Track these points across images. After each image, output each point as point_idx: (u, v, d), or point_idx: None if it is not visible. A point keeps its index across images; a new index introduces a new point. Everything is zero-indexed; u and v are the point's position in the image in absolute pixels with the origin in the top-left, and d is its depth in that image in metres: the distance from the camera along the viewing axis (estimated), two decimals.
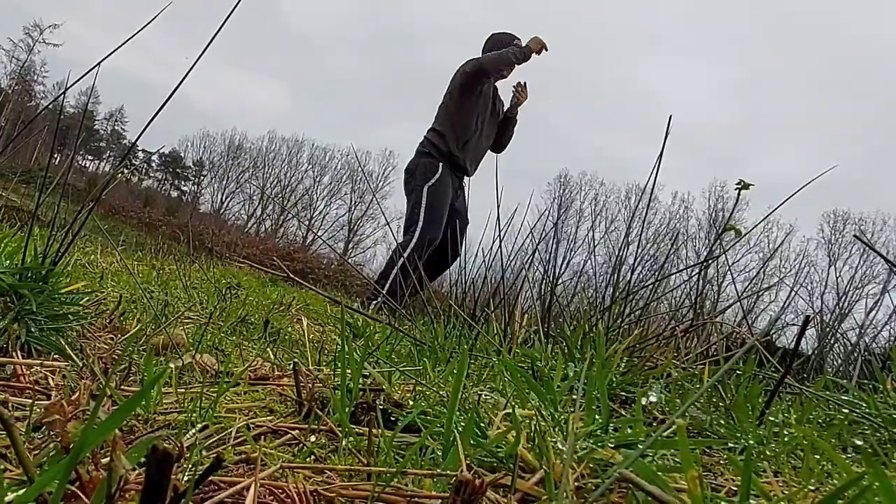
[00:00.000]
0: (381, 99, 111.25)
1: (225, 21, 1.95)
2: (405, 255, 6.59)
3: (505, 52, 7.33)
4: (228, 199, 72.17)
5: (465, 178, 7.59)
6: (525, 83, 7.65)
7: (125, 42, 1.97)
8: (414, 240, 6.95)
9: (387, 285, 6.39)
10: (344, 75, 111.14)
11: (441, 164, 7.35)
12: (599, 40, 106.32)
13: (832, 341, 4.04)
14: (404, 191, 7.51)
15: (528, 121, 7.89)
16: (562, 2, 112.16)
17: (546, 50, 7.37)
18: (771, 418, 1.71)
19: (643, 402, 1.74)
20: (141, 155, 75.26)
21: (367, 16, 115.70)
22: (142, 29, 1.98)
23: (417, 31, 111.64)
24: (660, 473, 0.97)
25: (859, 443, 1.69)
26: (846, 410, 1.90)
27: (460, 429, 1.19)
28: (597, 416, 1.36)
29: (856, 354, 3.44)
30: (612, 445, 1.21)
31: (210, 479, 0.98)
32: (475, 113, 7.46)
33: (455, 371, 1.47)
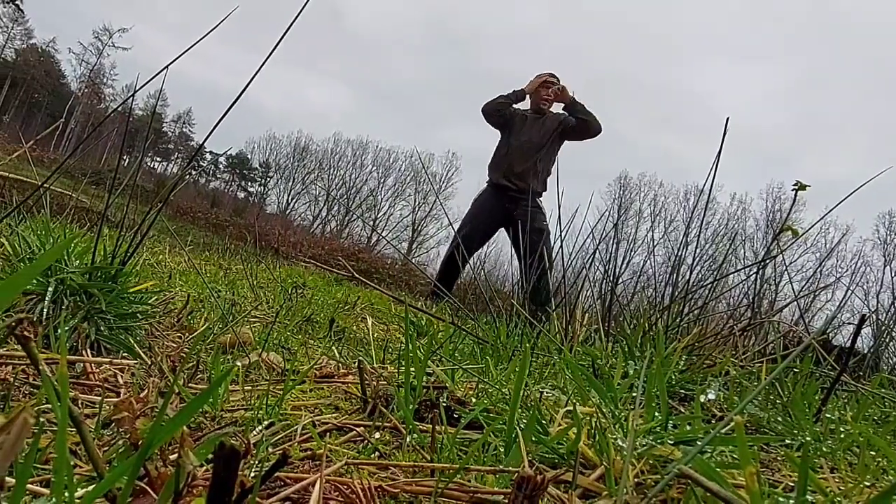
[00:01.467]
0: (442, 102, 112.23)
1: (290, 26, 1.97)
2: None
3: (498, 97, 8.23)
4: (294, 200, 73.07)
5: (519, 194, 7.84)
6: (551, 81, 7.84)
7: (192, 46, 1.99)
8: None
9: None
10: (405, 79, 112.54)
11: (487, 184, 8.25)
12: (658, 45, 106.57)
13: (888, 340, 3.98)
14: None
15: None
16: (619, 7, 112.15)
17: (551, 86, 7.98)
18: (827, 415, 1.70)
19: (702, 400, 1.77)
20: (208, 156, 76.69)
21: (427, 20, 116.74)
22: (208, 34, 2.00)
23: (476, 36, 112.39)
24: (718, 470, 0.97)
25: None
26: None
27: (522, 426, 1.19)
28: (656, 414, 1.35)
29: None
30: (672, 442, 1.21)
31: (276, 475, 0.99)
32: (505, 142, 8.23)
33: (517, 369, 1.46)
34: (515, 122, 8.09)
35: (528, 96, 8.13)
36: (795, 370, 2.16)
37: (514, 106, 8.19)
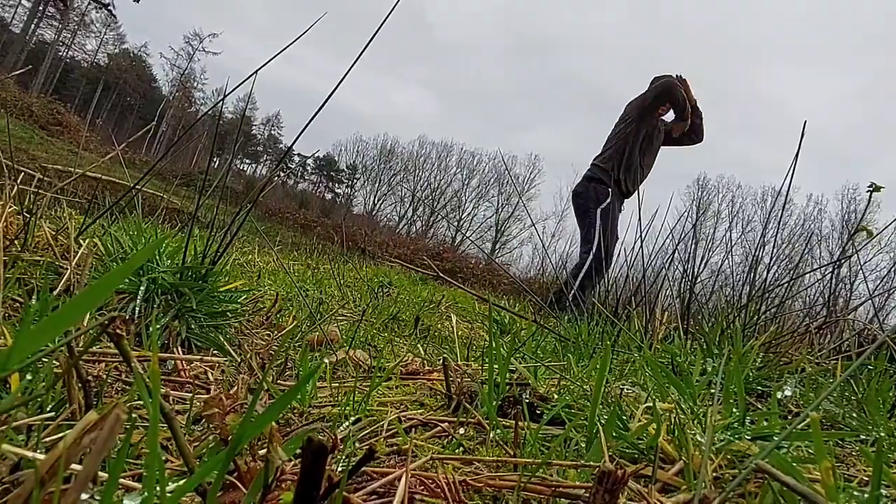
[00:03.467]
0: (524, 105, 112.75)
1: (376, 33, 1.99)
2: (583, 271, 6.84)
3: (664, 85, 7.41)
4: (380, 202, 74.10)
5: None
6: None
7: (281, 51, 2.02)
8: (589, 258, 7.08)
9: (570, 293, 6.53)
10: (487, 83, 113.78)
11: (609, 189, 7.48)
12: (733, 50, 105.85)
13: None
14: (576, 213, 7.63)
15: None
16: (697, 13, 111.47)
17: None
18: None
19: (778, 396, 1.78)
20: (297, 159, 78.14)
21: (507, 27, 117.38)
22: (297, 39, 2.03)
23: (555, 41, 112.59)
24: (794, 464, 0.98)
25: None
26: None
27: (603, 421, 1.20)
28: (734, 410, 1.36)
29: None
30: (749, 437, 1.21)
31: (363, 469, 0.99)
32: (639, 142, 7.53)
33: (598, 366, 1.46)
34: (654, 124, 7.57)
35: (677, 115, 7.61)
36: (870, 367, 2.16)
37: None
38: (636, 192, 7.52)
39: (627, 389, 1.67)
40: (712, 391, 1.54)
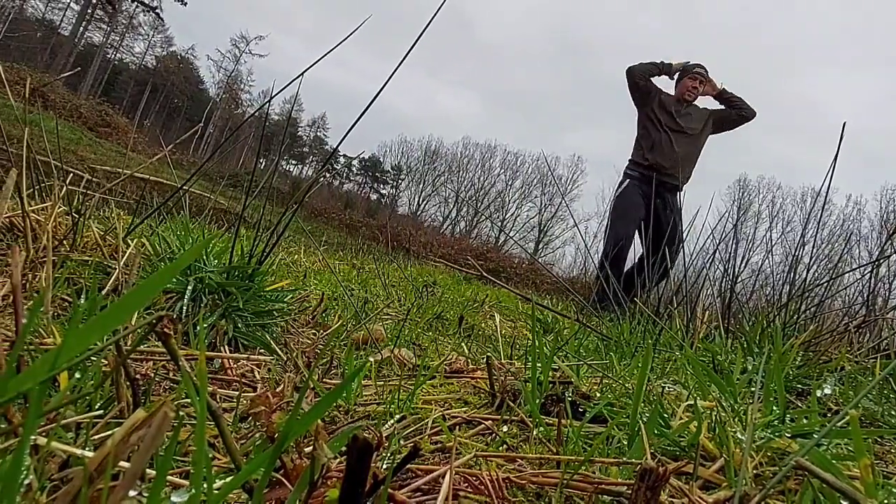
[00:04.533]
0: (566, 107, 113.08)
1: (420, 35, 1.99)
2: (604, 264, 6.78)
3: (648, 62, 7.56)
4: (425, 202, 74.62)
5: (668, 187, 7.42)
6: (700, 73, 7.49)
7: (326, 54, 2.04)
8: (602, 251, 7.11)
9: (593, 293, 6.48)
10: (530, 85, 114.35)
11: (627, 178, 7.45)
12: (775, 52, 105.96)
13: None
14: None
15: None
16: (737, 16, 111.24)
17: (698, 77, 7.43)
18: None
19: (818, 394, 1.78)
20: (342, 160, 78.60)
21: (550, 30, 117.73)
22: (342, 42, 2.04)
23: (598, 43, 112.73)
24: (834, 461, 0.98)
25: None
26: None
27: (645, 419, 1.20)
28: (774, 408, 1.36)
29: None
30: (789, 435, 1.22)
31: (408, 466, 1.00)
32: (654, 122, 7.46)
33: (640, 365, 1.46)
34: (658, 100, 7.50)
35: (674, 78, 7.62)
36: None
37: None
38: (684, 171, 7.40)
39: (669, 388, 1.68)
40: (753, 389, 1.56)
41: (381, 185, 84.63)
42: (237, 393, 1.35)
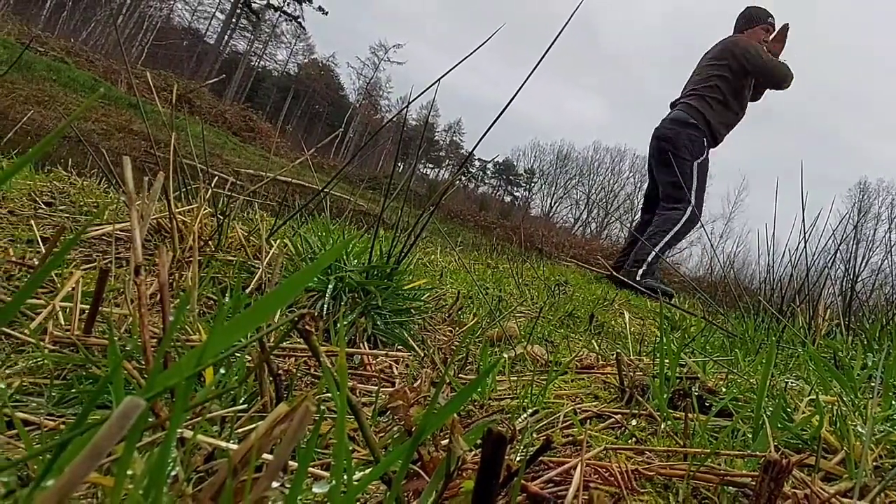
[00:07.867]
0: None
1: (552, 44, 2.00)
2: (675, 228, 6.73)
3: (784, 70, 6.96)
4: (556, 204, 75.05)
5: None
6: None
7: (461, 62, 2.06)
8: (685, 216, 6.77)
9: (656, 250, 6.26)
10: (654, 90, 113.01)
11: (705, 139, 6.97)
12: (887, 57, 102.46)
13: None
14: (658, 159, 7.13)
15: (823, 135, 7.33)
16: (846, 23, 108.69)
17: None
18: None
19: None
20: (477, 163, 79.17)
21: (673, 35, 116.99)
22: (475, 50, 2.07)
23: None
24: None
25: None
26: None
27: (769, 413, 1.20)
28: (893, 402, 1.34)
29: None
30: None
31: (540, 459, 1.01)
32: (739, 106, 7.09)
33: (764, 361, 1.44)
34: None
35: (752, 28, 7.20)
36: None
37: None
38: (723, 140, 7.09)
39: (792, 383, 1.67)
40: (872, 384, 1.55)
41: (515, 188, 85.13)
42: (376, 388, 1.39)
